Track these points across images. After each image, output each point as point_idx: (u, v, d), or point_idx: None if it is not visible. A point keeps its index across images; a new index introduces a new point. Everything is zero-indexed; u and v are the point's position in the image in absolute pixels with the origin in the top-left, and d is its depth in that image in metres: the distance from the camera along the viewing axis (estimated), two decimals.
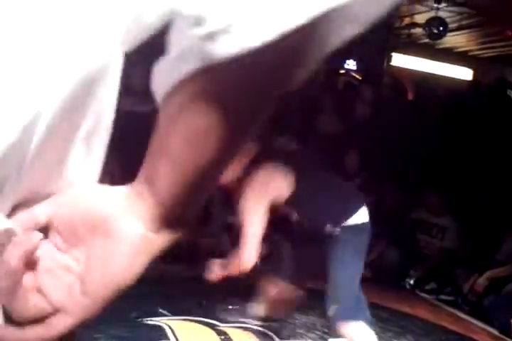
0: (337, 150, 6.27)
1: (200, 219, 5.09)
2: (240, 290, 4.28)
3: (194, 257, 4.91)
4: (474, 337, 3.69)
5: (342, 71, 9.36)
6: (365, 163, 6.04)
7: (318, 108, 6.94)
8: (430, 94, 8.15)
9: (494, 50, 9.84)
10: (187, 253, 4.90)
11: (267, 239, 2.47)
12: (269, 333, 3.21)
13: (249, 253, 2.30)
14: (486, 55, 10.32)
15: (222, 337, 3.13)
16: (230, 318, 3.41)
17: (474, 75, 10.37)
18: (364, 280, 4.68)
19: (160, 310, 3.40)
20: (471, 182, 5.42)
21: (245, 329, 3.29)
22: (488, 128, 6.16)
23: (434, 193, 5.11)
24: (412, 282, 4.73)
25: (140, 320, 3.23)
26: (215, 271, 2.50)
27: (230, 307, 3.61)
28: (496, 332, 3.82)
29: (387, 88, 8.36)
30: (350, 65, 9.65)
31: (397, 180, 5.80)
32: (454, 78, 10.30)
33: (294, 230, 2.55)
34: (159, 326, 3.18)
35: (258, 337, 3.19)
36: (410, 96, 8.62)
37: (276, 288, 2.64)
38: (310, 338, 3.29)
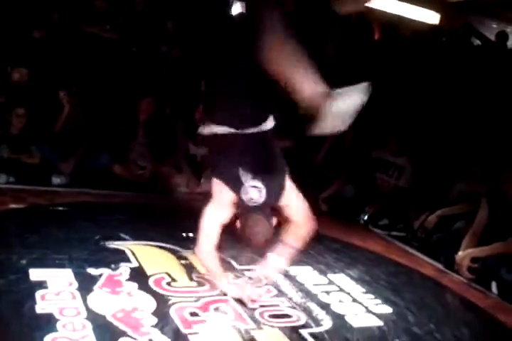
0: None
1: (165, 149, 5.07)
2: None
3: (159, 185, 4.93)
4: (421, 270, 3.89)
5: None
6: None
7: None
8: (396, 36, 8.08)
9: None
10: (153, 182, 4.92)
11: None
12: (228, 259, 3.28)
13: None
14: (454, 0, 10.25)
15: (183, 261, 3.19)
16: (190, 245, 3.46)
17: (441, 20, 10.34)
18: (320, 214, 4.83)
19: (121, 235, 3.41)
20: (430, 125, 5.53)
21: None
22: (450, 73, 6.22)
23: (394, 136, 5.20)
24: (366, 218, 4.90)
25: (102, 243, 3.24)
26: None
27: (191, 235, 3.65)
28: (441, 267, 4.03)
29: (354, 27, 8.22)
30: None
31: (356, 121, 5.85)
32: (420, 22, 10.24)
33: None
34: (121, 250, 3.21)
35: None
36: (376, 37, 8.53)
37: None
38: None
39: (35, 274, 2.66)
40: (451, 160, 5.12)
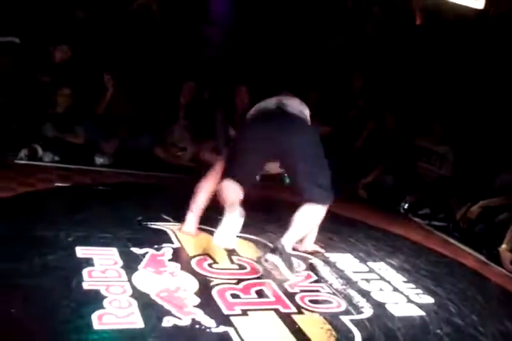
0: (343, 70, 6.16)
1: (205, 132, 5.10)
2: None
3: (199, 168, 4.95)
4: (463, 261, 3.84)
5: None
6: (369, 86, 5.96)
7: (326, 26, 6.73)
8: (439, 20, 7.86)
9: None
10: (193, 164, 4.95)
11: None
12: (268, 243, 3.29)
13: None
14: None
15: None
16: None
17: (486, 4, 10.04)
18: (360, 201, 4.80)
19: (163, 216, 3.45)
20: (475, 114, 5.39)
21: (246, 239, 3.37)
22: (496, 59, 6.03)
23: (437, 122, 5.10)
24: (406, 206, 4.83)
25: (145, 223, 3.28)
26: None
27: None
28: (483, 258, 3.96)
29: (396, 11, 8.05)
30: None
31: (400, 107, 5.77)
32: (465, 6, 9.96)
33: None
34: (163, 230, 3.24)
35: (258, 247, 3.28)
36: (419, 22, 8.34)
37: None
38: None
39: (81, 252, 2.72)
40: (496, 150, 4.99)
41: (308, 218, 2.86)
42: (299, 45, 6.20)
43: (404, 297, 2.95)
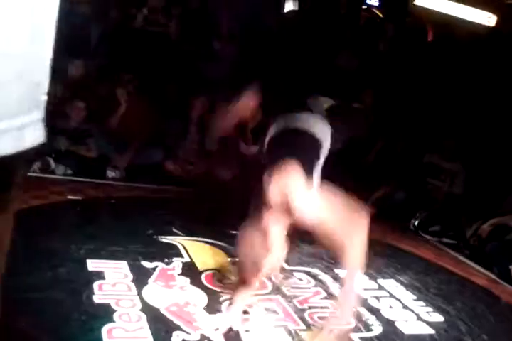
0: (353, 87, 6.19)
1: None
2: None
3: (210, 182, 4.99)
4: (473, 279, 3.81)
5: (363, 6, 9.12)
6: (379, 103, 5.98)
7: (338, 42, 6.78)
8: (451, 37, 7.91)
9: None
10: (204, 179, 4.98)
11: None
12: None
13: None
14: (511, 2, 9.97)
15: (232, 259, 3.21)
16: None
17: (498, 22, 10.08)
18: (369, 217, 4.75)
19: (173, 230, 3.47)
20: (486, 132, 5.39)
21: None
22: (509, 77, 6.04)
23: (449, 139, 5.10)
24: (416, 223, 4.81)
25: (155, 237, 3.30)
26: None
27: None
28: (494, 277, 3.93)
29: (408, 28, 8.12)
30: (372, 0, 9.38)
31: (411, 123, 5.78)
32: (476, 23, 10.01)
33: None
34: (173, 244, 3.26)
35: None
36: (430, 38, 8.39)
37: None
38: (317, 267, 3.37)
39: (92, 265, 2.74)
40: (508, 169, 4.98)
41: None
42: (311, 63, 6.25)
43: (414, 315, 2.94)
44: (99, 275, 2.64)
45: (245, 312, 2.56)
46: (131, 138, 4.88)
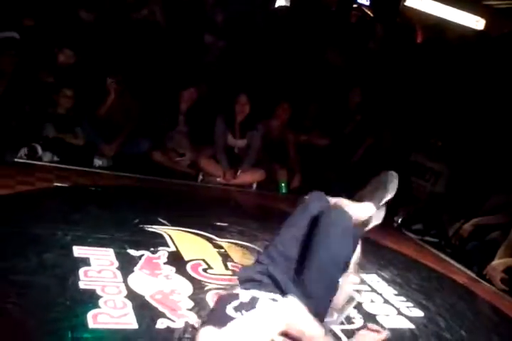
0: (341, 85, 6.23)
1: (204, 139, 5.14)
2: (236, 211, 4.42)
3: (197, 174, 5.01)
4: (453, 277, 3.87)
5: (354, 5, 9.18)
6: (366, 101, 6.03)
7: (327, 38, 6.82)
8: (440, 39, 7.97)
9: (509, 2, 9.63)
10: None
11: None
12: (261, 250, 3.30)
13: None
14: (500, 7, 10.09)
15: (218, 249, 3.24)
16: (226, 235, 3.52)
17: (486, 26, 10.20)
18: None
19: (160, 220, 3.47)
20: (472, 132, 5.45)
21: (241, 246, 3.39)
22: (495, 79, 6.12)
23: (435, 139, 5.16)
24: (399, 221, 4.87)
25: (141, 226, 3.30)
26: None
27: (225, 224, 3.71)
28: (473, 275, 4.00)
29: (397, 28, 8.17)
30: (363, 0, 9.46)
31: (397, 122, 5.84)
32: (465, 26, 10.12)
33: None
34: (159, 234, 3.27)
35: (253, 254, 3.30)
36: (419, 40, 8.47)
37: None
38: None
39: (78, 251, 2.73)
40: (491, 170, 5.05)
41: None
42: (300, 56, 6.28)
43: (394, 309, 2.98)
44: (84, 261, 2.63)
45: None
46: (120, 127, 4.86)
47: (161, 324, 2.25)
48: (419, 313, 3.00)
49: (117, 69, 5.06)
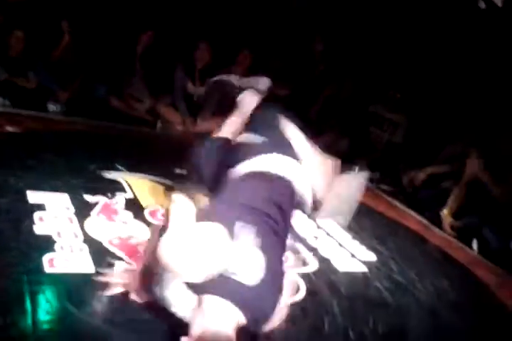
0: (305, 33, 6.14)
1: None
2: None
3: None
4: (406, 223, 4.00)
5: None
6: (328, 50, 5.97)
7: None
8: None
9: None
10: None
11: None
12: None
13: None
14: None
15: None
16: (184, 182, 3.50)
17: None
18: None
19: (117, 166, 3.42)
20: (430, 84, 5.50)
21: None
22: (454, 34, 6.11)
23: (394, 90, 5.19)
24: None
25: (98, 172, 3.25)
26: None
27: (184, 172, 3.68)
28: (425, 222, 4.14)
29: None
30: None
31: (358, 73, 5.82)
32: None
33: None
34: (116, 180, 3.22)
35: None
36: None
37: None
38: None
39: (33, 196, 2.68)
40: (448, 121, 5.14)
41: None
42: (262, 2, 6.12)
43: (348, 253, 3.07)
44: (39, 206, 2.59)
45: None
46: (74, 72, 4.70)
47: (118, 268, 2.25)
48: (372, 257, 3.10)
49: (72, 11, 4.84)
